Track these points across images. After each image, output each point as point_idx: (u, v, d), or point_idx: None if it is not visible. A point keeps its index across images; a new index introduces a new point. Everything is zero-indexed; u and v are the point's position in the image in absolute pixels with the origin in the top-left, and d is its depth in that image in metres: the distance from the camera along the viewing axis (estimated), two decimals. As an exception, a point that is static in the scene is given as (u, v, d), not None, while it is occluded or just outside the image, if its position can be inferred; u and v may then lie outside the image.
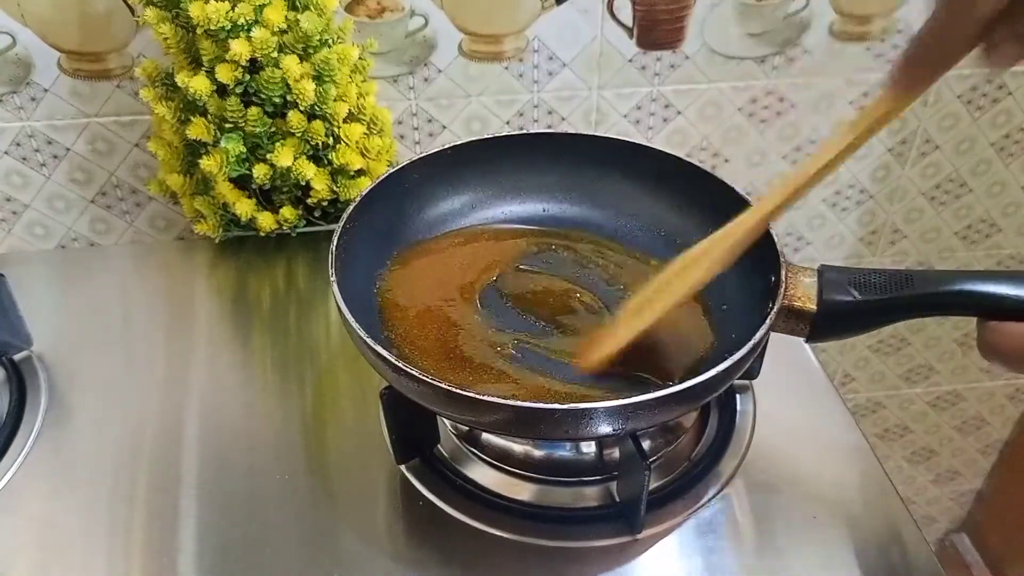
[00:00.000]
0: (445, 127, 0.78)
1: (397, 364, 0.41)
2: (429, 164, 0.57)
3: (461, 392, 0.40)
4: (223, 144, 0.62)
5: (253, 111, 0.61)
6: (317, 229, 0.72)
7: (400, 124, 0.77)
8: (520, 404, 0.40)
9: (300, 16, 0.60)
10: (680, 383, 0.40)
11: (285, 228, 0.70)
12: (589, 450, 0.51)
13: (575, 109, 0.78)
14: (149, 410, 0.56)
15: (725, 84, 0.78)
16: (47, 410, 0.56)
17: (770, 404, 0.55)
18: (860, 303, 0.44)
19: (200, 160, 0.63)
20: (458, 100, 0.76)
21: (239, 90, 0.61)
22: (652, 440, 0.52)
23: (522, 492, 0.50)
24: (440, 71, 0.74)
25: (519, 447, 0.51)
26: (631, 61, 0.75)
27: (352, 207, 0.51)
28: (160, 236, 0.81)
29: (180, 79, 0.61)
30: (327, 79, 0.62)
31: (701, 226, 0.56)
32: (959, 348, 1.06)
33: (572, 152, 0.59)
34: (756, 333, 0.42)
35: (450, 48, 0.73)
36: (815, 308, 0.45)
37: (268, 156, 0.63)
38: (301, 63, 0.61)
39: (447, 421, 0.53)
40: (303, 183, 0.66)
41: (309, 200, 0.68)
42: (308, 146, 0.64)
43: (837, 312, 0.45)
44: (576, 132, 0.64)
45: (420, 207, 0.58)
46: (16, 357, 0.59)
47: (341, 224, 0.50)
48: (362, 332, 0.43)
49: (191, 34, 0.61)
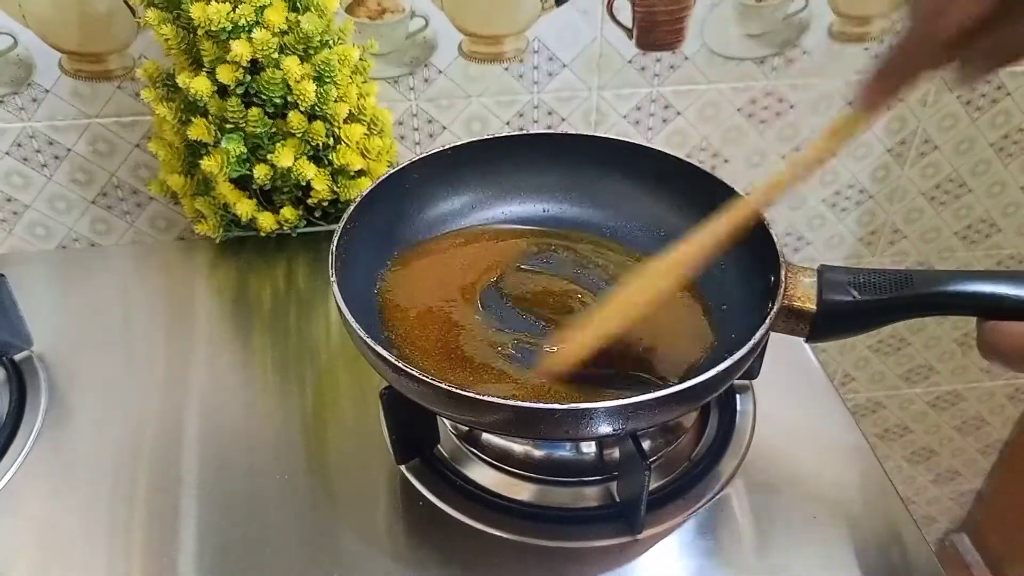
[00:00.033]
0: (445, 128, 0.78)
1: (397, 364, 0.41)
2: (429, 164, 0.57)
3: (461, 392, 0.40)
4: (224, 145, 0.62)
5: (254, 112, 0.62)
6: (317, 229, 0.72)
7: (400, 125, 0.77)
8: (520, 404, 0.40)
9: (301, 17, 0.60)
10: (680, 383, 0.40)
11: (285, 228, 0.70)
12: (589, 450, 0.51)
13: (575, 110, 0.78)
14: (149, 410, 0.56)
15: (724, 85, 0.78)
16: (47, 410, 0.56)
17: (770, 404, 0.55)
18: (860, 303, 0.44)
19: (201, 161, 0.64)
20: (458, 101, 0.76)
21: (240, 91, 0.61)
22: (652, 440, 0.52)
23: (522, 492, 0.50)
24: (440, 72, 0.74)
25: (519, 447, 0.51)
26: (631, 62, 0.75)
27: (352, 207, 0.51)
28: (161, 236, 0.81)
29: (181, 80, 0.61)
30: (328, 80, 0.62)
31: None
32: (959, 348, 1.06)
33: (572, 152, 0.59)
34: (756, 333, 0.42)
35: (450, 49, 0.73)
36: (815, 308, 0.45)
37: (269, 156, 0.63)
38: (302, 64, 0.61)
39: (447, 421, 0.53)
40: (303, 183, 0.66)
41: (309, 200, 0.68)
42: (309, 147, 0.64)
43: (837, 312, 0.45)
44: (576, 132, 0.64)
45: (420, 207, 0.58)
46: (16, 357, 0.59)
47: (341, 224, 0.50)
48: (362, 332, 0.43)
49: (192, 35, 0.61)
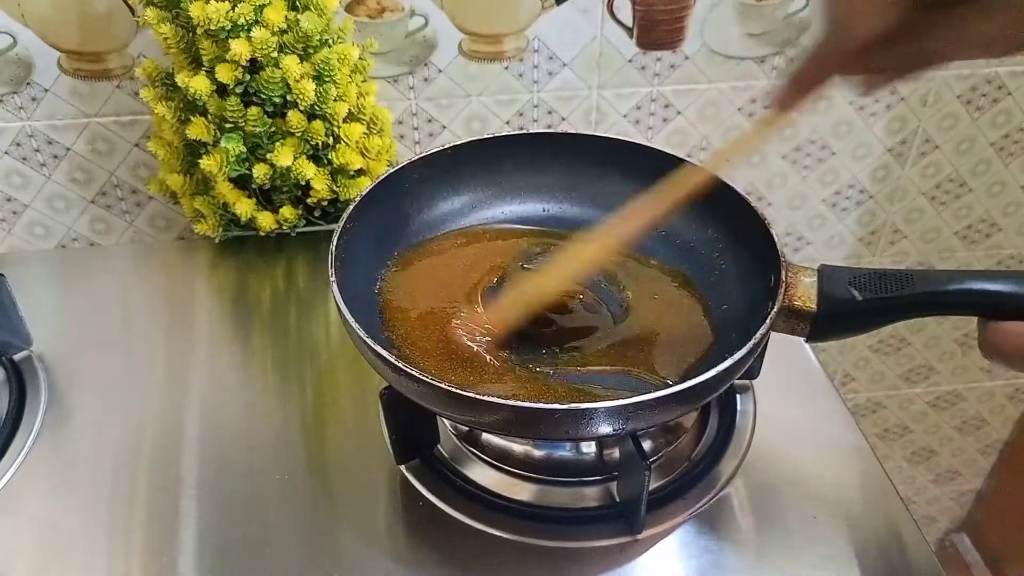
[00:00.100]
0: (445, 127, 0.78)
1: (397, 364, 0.41)
2: (429, 164, 0.57)
3: (461, 392, 0.40)
4: (223, 144, 0.62)
5: (253, 111, 0.61)
6: (317, 229, 0.72)
7: (400, 124, 0.77)
8: (520, 404, 0.40)
9: (300, 16, 0.60)
10: (680, 383, 0.40)
11: (285, 228, 0.70)
12: (589, 450, 0.51)
13: (575, 109, 0.78)
14: (149, 410, 0.56)
15: (725, 84, 0.78)
16: (47, 410, 0.56)
17: (770, 404, 0.55)
18: (860, 303, 0.44)
19: (200, 160, 0.63)
20: (458, 100, 0.76)
21: (239, 90, 0.61)
22: (652, 440, 0.52)
23: (522, 492, 0.50)
24: (440, 71, 0.74)
25: (519, 447, 0.51)
26: (631, 61, 0.75)
27: (352, 207, 0.51)
28: (160, 236, 0.81)
29: (180, 79, 0.61)
30: (327, 79, 0.62)
31: (701, 226, 0.56)
32: (959, 348, 1.06)
33: (572, 152, 0.59)
34: (756, 333, 0.42)
35: (450, 48, 0.73)
36: (815, 308, 0.45)
37: (268, 156, 0.63)
38: (301, 63, 0.61)
39: (447, 421, 0.53)
40: (303, 183, 0.66)
41: (309, 200, 0.68)
42: (308, 146, 0.64)
43: (837, 312, 0.45)
44: (576, 132, 0.64)
45: (420, 207, 0.58)
46: (16, 357, 0.59)
47: (341, 224, 0.50)
48: (362, 332, 0.43)
49: (191, 34, 0.61)
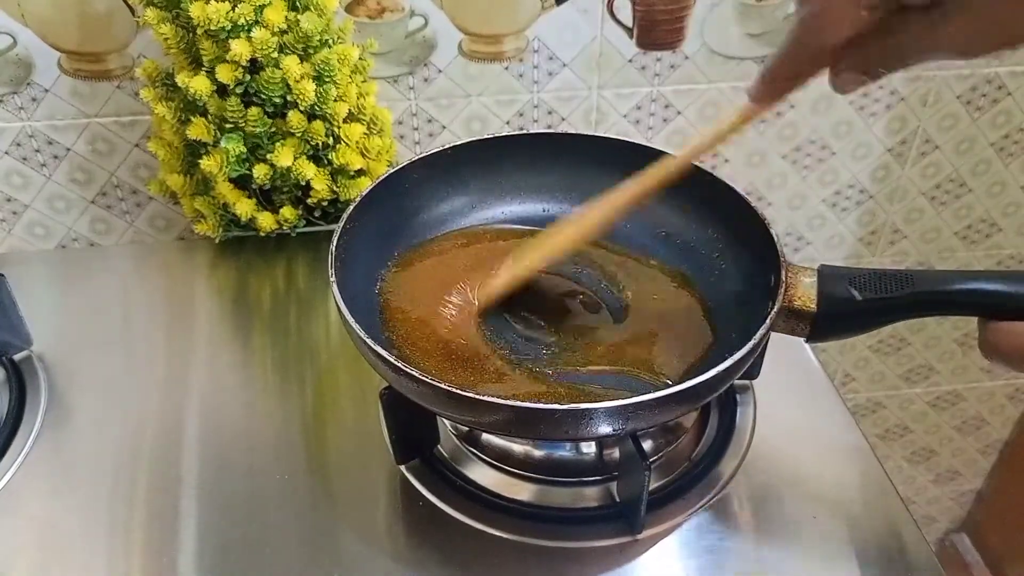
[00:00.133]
0: (445, 127, 0.78)
1: (397, 364, 0.41)
2: (429, 164, 0.57)
3: (461, 392, 0.40)
4: (223, 144, 0.62)
5: (253, 111, 0.62)
6: (317, 229, 0.72)
7: (400, 124, 0.77)
8: (520, 404, 0.40)
9: (300, 16, 0.60)
10: (680, 383, 0.40)
11: (285, 228, 0.70)
12: (589, 450, 0.51)
13: (575, 109, 0.78)
14: (149, 410, 0.56)
15: (725, 84, 0.78)
16: (47, 410, 0.56)
17: (770, 404, 0.55)
18: (860, 303, 0.44)
19: (200, 160, 0.63)
20: (458, 100, 0.76)
21: (239, 90, 0.61)
22: (652, 440, 0.52)
23: (522, 492, 0.50)
24: (440, 71, 0.74)
25: (519, 447, 0.51)
26: (631, 61, 0.75)
27: (352, 207, 0.51)
28: (160, 236, 0.81)
29: (180, 79, 0.61)
30: (327, 79, 0.62)
31: (701, 226, 0.56)
32: (959, 348, 1.06)
33: (572, 152, 0.59)
34: (756, 333, 0.42)
35: (450, 48, 0.73)
36: (815, 308, 0.45)
37: (268, 156, 0.63)
38: (301, 63, 0.61)
39: (447, 421, 0.53)
40: (303, 183, 0.66)
41: (309, 200, 0.68)
42: (308, 146, 0.64)
43: (837, 312, 0.45)
44: (576, 132, 0.64)
45: (420, 207, 0.58)
46: (16, 357, 0.59)
47: (341, 224, 0.50)
48: (361, 332, 0.43)
49: (191, 34, 0.61)
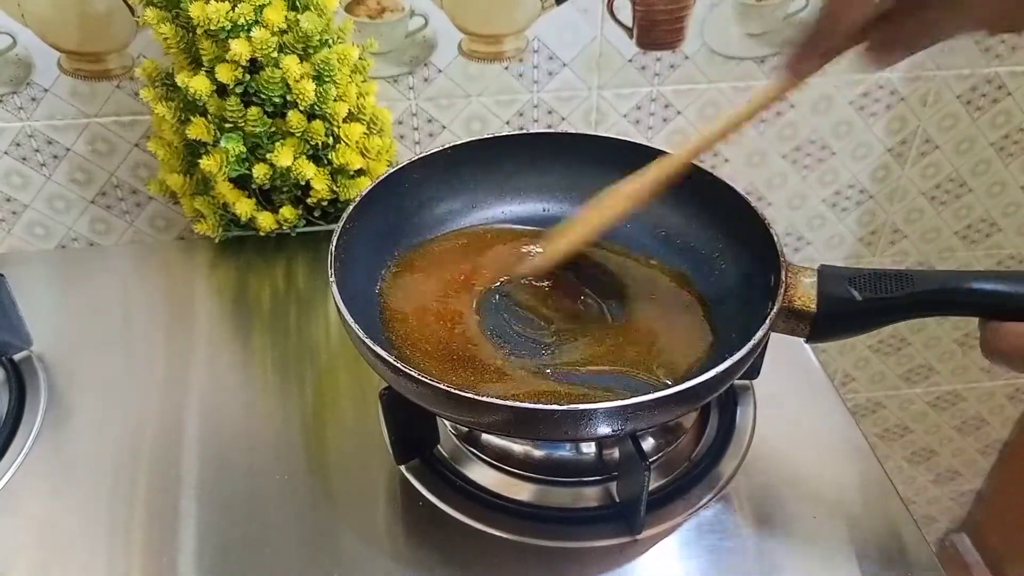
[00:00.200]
0: (445, 127, 0.78)
1: (396, 365, 0.41)
2: (429, 164, 0.57)
3: (460, 393, 0.40)
4: (223, 144, 0.62)
5: (253, 111, 0.61)
6: (317, 229, 0.72)
7: (400, 124, 0.77)
8: (520, 405, 0.40)
9: (300, 16, 0.60)
10: (680, 383, 0.40)
11: (285, 228, 0.70)
12: (589, 450, 0.51)
13: (575, 109, 0.78)
14: (149, 410, 0.56)
15: (725, 84, 0.78)
16: (47, 410, 0.56)
17: (770, 404, 0.55)
18: (860, 303, 0.44)
19: (200, 160, 0.63)
20: (458, 100, 0.76)
21: (239, 90, 0.61)
22: (652, 440, 0.52)
23: (522, 492, 0.50)
24: (440, 71, 0.74)
25: (519, 447, 0.51)
26: (631, 61, 0.75)
27: (352, 207, 0.51)
28: (160, 236, 0.81)
29: (180, 79, 0.61)
30: (327, 79, 0.62)
31: (701, 226, 0.56)
32: (959, 348, 1.06)
33: (572, 152, 0.59)
34: (756, 333, 0.42)
35: (450, 48, 0.73)
36: (815, 308, 0.45)
37: (268, 156, 0.63)
38: (301, 63, 0.61)
39: (447, 422, 0.53)
40: (303, 183, 0.66)
41: (309, 200, 0.68)
42: (308, 146, 0.64)
43: (837, 312, 0.45)
44: (576, 132, 0.64)
45: (420, 207, 0.58)
46: (16, 357, 0.59)
47: (341, 224, 0.50)
48: (361, 333, 0.43)
49: (191, 34, 0.61)
